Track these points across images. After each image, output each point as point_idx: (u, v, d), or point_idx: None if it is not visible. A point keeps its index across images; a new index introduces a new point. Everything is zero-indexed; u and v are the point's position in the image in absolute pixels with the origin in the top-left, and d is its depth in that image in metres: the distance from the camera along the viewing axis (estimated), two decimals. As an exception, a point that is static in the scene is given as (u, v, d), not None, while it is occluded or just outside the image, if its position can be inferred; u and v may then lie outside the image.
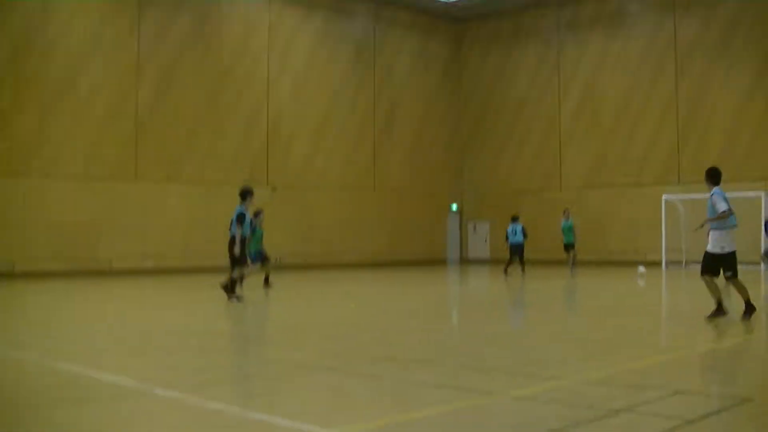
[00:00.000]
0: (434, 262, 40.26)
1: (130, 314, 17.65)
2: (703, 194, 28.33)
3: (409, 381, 9.26)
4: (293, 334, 14.17)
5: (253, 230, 21.27)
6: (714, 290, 13.74)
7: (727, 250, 13.55)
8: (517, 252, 29.72)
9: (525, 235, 29.90)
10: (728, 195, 13.83)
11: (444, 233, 42.05)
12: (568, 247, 31.44)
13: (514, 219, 30.09)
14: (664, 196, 32.12)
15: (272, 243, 33.03)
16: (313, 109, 36.49)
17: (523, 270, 29.51)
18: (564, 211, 32.03)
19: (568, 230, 31.43)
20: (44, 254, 29.06)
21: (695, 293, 20.08)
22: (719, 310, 13.79)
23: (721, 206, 13.37)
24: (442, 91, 42.30)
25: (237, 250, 18.23)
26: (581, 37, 39.01)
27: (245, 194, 18.62)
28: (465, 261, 41.99)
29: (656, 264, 31.98)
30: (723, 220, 13.40)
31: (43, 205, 29.26)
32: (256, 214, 22.12)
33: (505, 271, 29.37)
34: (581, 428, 6.99)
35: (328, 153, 36.88)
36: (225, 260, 22.58)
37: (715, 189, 13.76)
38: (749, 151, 33.55)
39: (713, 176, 13.94)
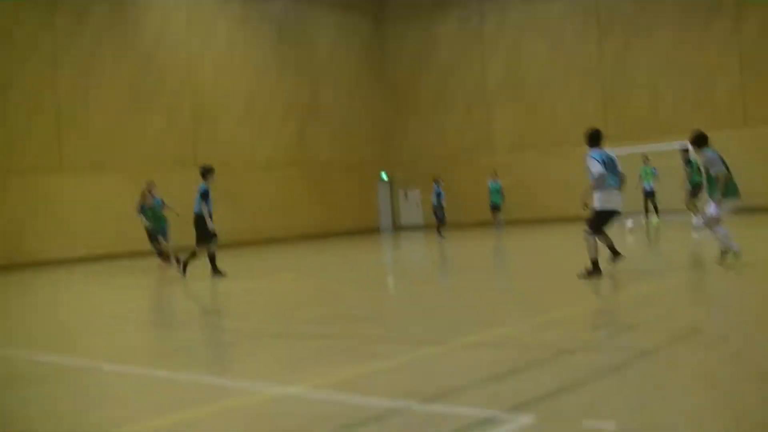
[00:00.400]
0: (367, 231, 40.24)
1: (72, 300, 17.37)
2: (626, 148, 29.13)
3: (360, 337, 9.22)
4: (239, 305, 14.08)
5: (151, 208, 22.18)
6: (593, 249, 13.44)
7: (609, 207, 13.44)
8: (440, 213, 29.88)
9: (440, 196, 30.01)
10: (656, 148, 13.85)
11: (375, 202, 42.03)
12: (495, 208, 31.76)
13: (436, 182, 30.24)
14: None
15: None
16: (238, 90, 36.08)
17: (441, 231, 29.49)
18: (492, 173, 32.23)
19: (496, 192, 31.67)
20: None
21: (623, 239, 20.34)
22: (615, 254, 13.78)
23: (593, 170, 13.24)
24: (366, 64, 42.15)
25: (210, 225, 18.37)
26: (502, 4, 39.08)
27: (206, 173, 18.58)
28: (398, 228, 42.04)
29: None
30: (601, 182, 13.29)
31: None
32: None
33: (439, 233, 29.40)
34: (539, 368, 7.01)
35: (255, 131, 36.51)
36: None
37: (591, 151, 13.67)
38: (673, 108, 34.01)
39: (590, 138, 13.76)
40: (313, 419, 5.75)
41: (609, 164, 13.45)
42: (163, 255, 22.14)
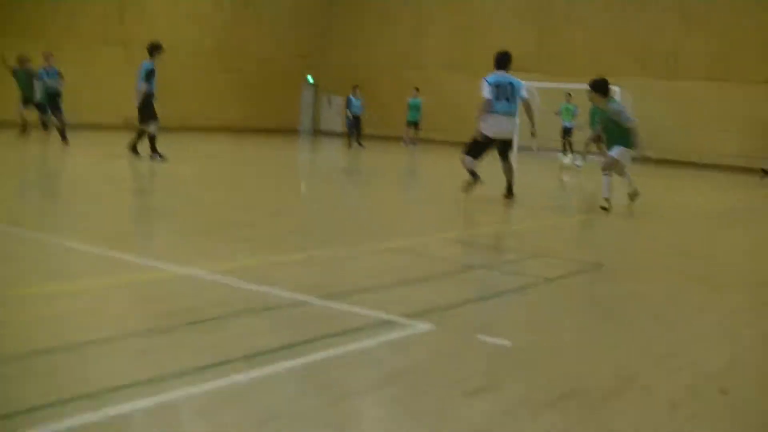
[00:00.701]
0: (287, 131, 39.87)
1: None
2: (557, 83, 29.21)
3: (270, 229, 9.16)
4: (157, 187, 13.88)
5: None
6: (469, 164, 13.34)
7: (489, 134, 13.17)
8: (356, 124, 29.87)
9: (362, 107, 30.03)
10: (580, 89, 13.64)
11: (298, 104, 41.60)
12: (412, 124, 31.64)
13: (355, 89, 30.20)
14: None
15: (126, 104, 32.05)
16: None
17: (360, 143, 29.39)
18: (413, 89, 32.00)
19: (415, 108, 31.50)
20: None
21: (534, 175, 20.54)
22: (474, 176, 13.43)
23: (483, 94, 13.09)
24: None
25: (138, 103, 17.72)
26: None
27: (154, 49, 17.96)
28: (318, 133, 41.76)
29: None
30: (486, 106, 13.09)
31: None
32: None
33: (351, 144, 29.39)
34: (443, 280, 7.04)
35: (185, 16, 35.59)
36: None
37: (489, 74, 13.47)
38: (608, 49, 34.08)
39: (495, 60, 13.60)
40: (211, 302, 5.68)
41: (501, 89, 13.14)
42: (47, 127, 21.48)
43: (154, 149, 17.44)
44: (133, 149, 17.70)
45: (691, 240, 11.07)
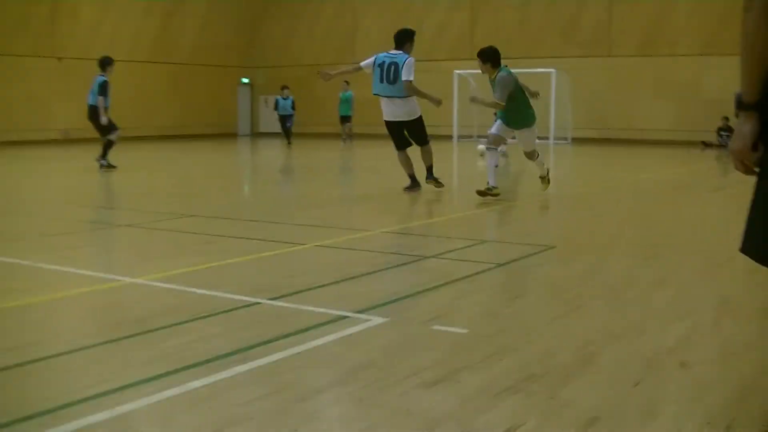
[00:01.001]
0: (225, 135, 39.55)
1: None
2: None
3: (213, 233, 9.03)
4: (100, 196, 13.66)
5: None
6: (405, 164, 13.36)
7: (384, 117, 13.17)
8: (284, 124, 30.03)
9: (293, 107, 29.97)
10: (518, 72, 13.35)
11: (235, 107, 41.27)
12: (344, 119, 31.40)
13: (284, 89, 30.23)
14: (455, 71, 32.46)
15: (58, 115, 31.63)
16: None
17: (289, 142, 29.39)
18: (343, 83, 31.81)
19: (345, 102, 31.26)
20: None
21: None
22: (414, 183, 13.26)
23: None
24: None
25: (104, 119, 17.49)
26: None
27: (106, 64, 17.86)
28: (256, 134, 41.48)
29: (447, 138, 32.44)
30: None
31: None
32: None
33: (289, 142, 29.47)
34: (392, 272, 6.99)
35: (116, 23, 35.11)
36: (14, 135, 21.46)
37: (380, 54, 13.35)
38: (540, 30, 34.20)
39: (394, 38, 13.52)
40: (162, 309, 5.58)
41: (385, 69, 12.86)
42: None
43: (104, 156, 17.53)
44: (104, 162, 17.63)
45: (640, 216, 11.13)
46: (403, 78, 12.68)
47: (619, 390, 4.04)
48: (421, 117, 13.18)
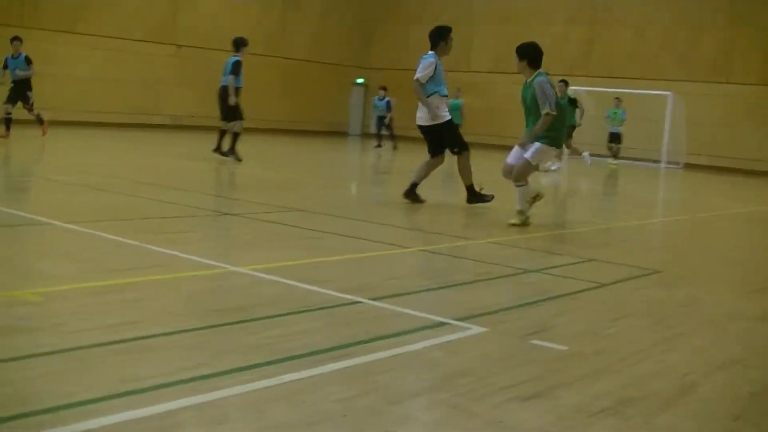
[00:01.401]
0: (335, 133, 39.87)
1: (50, 159, 17.08)
2: (609, 90, 28.89)
3: (318, 228, 9.12)
4: (210, 185, 13.92)
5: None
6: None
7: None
8: (380, 125, 29.81)
9: (389, 108, 29.68)
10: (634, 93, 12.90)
11: (347, 106, 41.54)
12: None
13: (381, 89, 30.24)
14: (570, 88, 32.18)
15: (171, 101, 32.32)
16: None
17: (379, 144, 29.32)
18: (456, 90, 31.44)
19: (455, 109, 30.84)
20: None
21: (581, 178, 20.30)
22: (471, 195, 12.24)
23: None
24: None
25: (233, 100, 17.49)
26: None
27: (240, 43, 18.10)
28: (367, 135, 41.60)
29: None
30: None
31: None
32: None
33: (380, 143, 29.40)
34: (495, 283, 6.96)
35: (235, 15, 35.69)
36: (126, 117, 21.89)
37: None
38: (656, 50, 33.70)
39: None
40: (263, 300, 5.66)
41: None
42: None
43: (233, 149, 17.38)
44: (227, 151, 17.49)
45: (748, 248, 10.89)
46: (415, 76, 11.88)
47: (717, 423, 3.96)
48: (447, 123, 12.17)
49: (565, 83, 21.50)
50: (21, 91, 19.39)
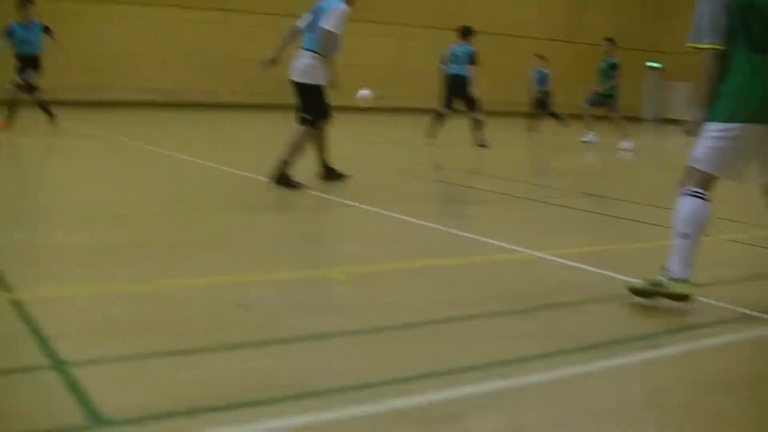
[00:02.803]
0: (627, 119, 38.80)
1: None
2: None
3: (614, 214, 8.92)
4: (497, 168, 14.01)
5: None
6: None
7: None
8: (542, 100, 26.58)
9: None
10: None
11: (638, 91, 40.21)
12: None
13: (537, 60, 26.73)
14: None
15: (400, 88, 31.81)
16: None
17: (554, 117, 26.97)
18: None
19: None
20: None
21: None
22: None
23: None
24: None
25: (476, 91, 17.44)
26: None
27: (469, 33, 17.95)
28: (663, 120, 40.10)
29: None
30: None
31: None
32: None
33: (531, 125, 26.17)
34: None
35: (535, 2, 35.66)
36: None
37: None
38: None
39: None
40: (563, 286, 5.58)
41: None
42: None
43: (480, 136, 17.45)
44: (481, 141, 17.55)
45: None
46: (323, 26, 9.50)
47: None
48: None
49: None
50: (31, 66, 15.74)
